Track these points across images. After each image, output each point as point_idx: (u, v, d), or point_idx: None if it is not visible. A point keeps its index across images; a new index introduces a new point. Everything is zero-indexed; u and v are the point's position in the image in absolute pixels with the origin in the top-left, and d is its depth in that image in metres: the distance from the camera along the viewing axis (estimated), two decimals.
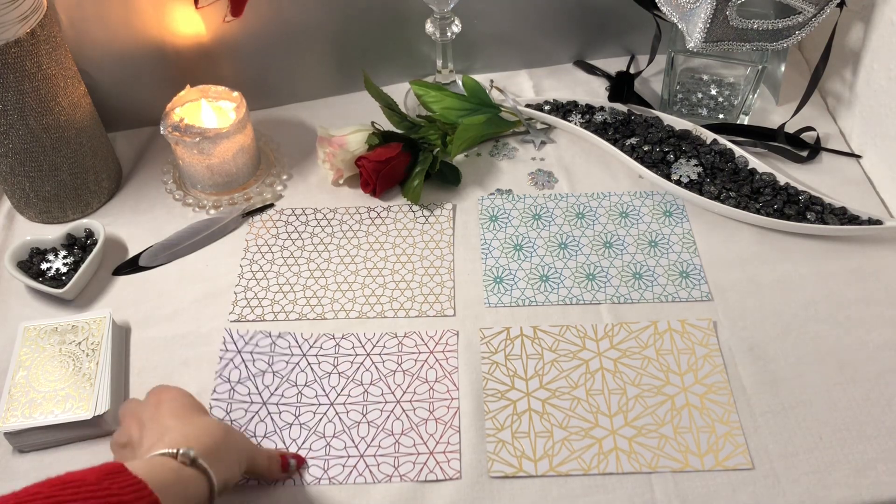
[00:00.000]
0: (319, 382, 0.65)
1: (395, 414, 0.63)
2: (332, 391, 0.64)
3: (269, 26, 0.83)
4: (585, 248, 0.74)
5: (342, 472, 0.60)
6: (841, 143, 0.83)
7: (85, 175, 0.78)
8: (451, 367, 0.65)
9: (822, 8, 0.73)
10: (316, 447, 0.61)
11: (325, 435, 0.62)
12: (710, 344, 0.66)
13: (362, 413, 0.63)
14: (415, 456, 0.60)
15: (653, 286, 0.71)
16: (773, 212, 0.74)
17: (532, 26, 0.90)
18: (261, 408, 0.63)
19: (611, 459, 0.59)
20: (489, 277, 0.72)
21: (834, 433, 0.60)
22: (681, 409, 0.62)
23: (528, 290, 0.71)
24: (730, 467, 0.59)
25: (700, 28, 0.74)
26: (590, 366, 0.65)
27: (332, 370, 0.66)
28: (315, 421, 0.63)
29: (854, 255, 0.72)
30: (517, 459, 0.60)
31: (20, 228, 0.80)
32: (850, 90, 0.82)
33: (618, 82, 0.90)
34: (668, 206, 0.78)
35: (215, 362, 0.66)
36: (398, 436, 0.61)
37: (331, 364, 0.66)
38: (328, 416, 0.63)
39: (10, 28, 0.65)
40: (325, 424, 0.62)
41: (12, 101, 0.68)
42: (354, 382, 0.65)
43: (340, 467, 0.60)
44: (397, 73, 0.91)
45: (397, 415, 0.63)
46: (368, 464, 0.60)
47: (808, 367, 0.64)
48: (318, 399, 0.64)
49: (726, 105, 0.86)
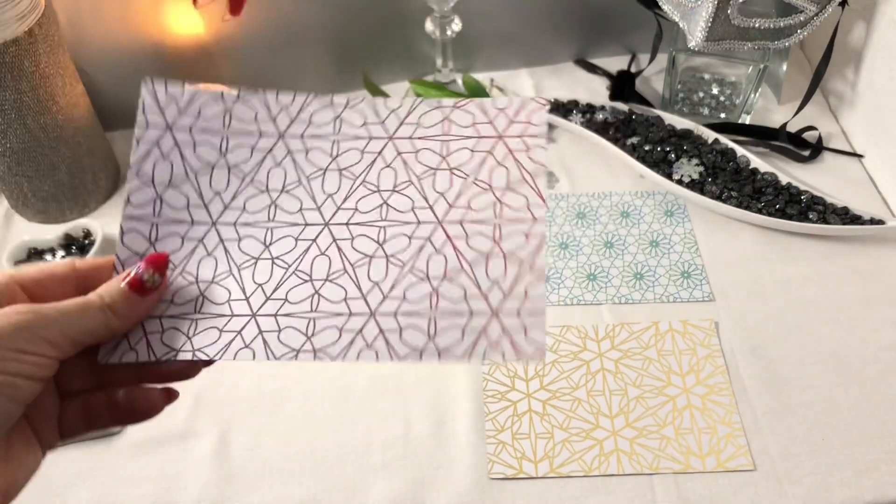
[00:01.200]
0: (307, 185, 0.39)
1: (434, 244, 0.38)
2: (329, 201, 0.39)
3: (268, 25, 0.83)
4: (586, 248, 0.74)
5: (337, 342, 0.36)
6: (843, 142, 0.83)
7: (83, 175, 0.77)
8: (536, 163, 0.39)
9: (824, 7, 0.73)
10: (296, 297, 0.38)
11: (313, 277, 0.38)
12: (712, 344, 0.66)
13: (377, 241, 0.38)
14: (465, 318, 0.37)
15: (654, 286, 0.71)
16: (774, 212, 0.74)
17: (533, 25, 0.90)
18: (208, 232, 0.39)
19: (612, 461, 0.59)
20: None
21: (836, 434, 0.60)
22: (682, 410, 0.62)
23: None
24: (731, 468, 0.58)
25: (701, 27, 0.73)
26: (591, 366, 0.65)
27: (328, 163, 0.40)
28: (298, 253, 0.38)
29: (856, 256, 0.72)
30: (517, 461, 0.59)
31: (18, 228, 0.79)
32: (852, 89, 0.82)
33: (619, 81, 0.89)
34: (669, 205, 0.77)
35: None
36: (437, 281, 0.38)
37: (326, 153, 0.40)
38: (319, 246, 0.38)
39: (8, 27, 0.64)
40: (313, 259, 0.38)
41: (10, 100, 0.68)
42: (367, 187, 0.39)
43: (335, 331, 0.37)
44: (397, 73, 0.91)
45: (437, 245, 0.38)
46: (383, 327, 0.37)
47: (810, 368, 0.64)
48: (304, 215, 0.39)
49: (728, 104, 0.86)
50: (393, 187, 0.39)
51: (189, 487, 0.59)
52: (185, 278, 0.38)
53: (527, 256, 0.37)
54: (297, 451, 0.61)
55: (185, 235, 0.38)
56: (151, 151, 0.39)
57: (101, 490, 0.60)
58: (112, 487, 0.60)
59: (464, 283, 0.37)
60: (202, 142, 0.39)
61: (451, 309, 0.37)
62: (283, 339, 0.37)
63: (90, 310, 0.34)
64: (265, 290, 0.38)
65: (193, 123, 0.39)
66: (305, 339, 0.36)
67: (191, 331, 0.37)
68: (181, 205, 0.39)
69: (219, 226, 0.39)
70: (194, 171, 0.39)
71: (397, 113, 0.40)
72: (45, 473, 0.59)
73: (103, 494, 0.59)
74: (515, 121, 0.40)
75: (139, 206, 0.38)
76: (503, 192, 0.39)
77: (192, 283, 0.38)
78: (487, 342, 0.36)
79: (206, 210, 0.39)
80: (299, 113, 0.40)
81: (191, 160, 0.39)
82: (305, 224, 0.39)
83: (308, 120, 0.40)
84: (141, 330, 0.37)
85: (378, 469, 0.60)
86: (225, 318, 0.37)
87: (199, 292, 0.38)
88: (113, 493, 0.59)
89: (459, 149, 0.39)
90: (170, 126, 0.39)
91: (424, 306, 0.37)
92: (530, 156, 0.39)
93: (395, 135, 0.40)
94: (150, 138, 0.39)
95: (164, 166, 0.39)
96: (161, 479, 0.60)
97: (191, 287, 0.38)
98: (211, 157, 0.39)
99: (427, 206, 0.39)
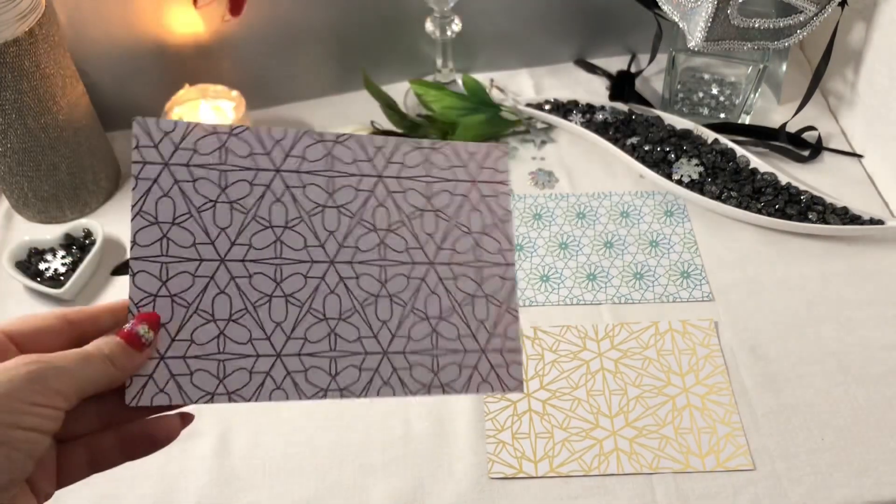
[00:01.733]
0: (308, 222, 0.40)
1: (429, 284, 0.41)
2: (331, 239, 0.41)
3: (268, 25, 0.83)
4: (586, 248, 0.74)
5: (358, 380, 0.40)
6: (843, 142, 0.83)
7: (83, 175, 0.77)
8: (503, 209, 0.43)
9: (824, 7, 0.73)
10: (314, 336, 0.40)
11: (327, 316, 0.40)
12: (712, 344, 0.66)
13: (380, 279, 0.41)
14: (461, 354, 0.41)
15: (654, 286, 0.71)
16: (774, 212, 0.74)
17: (532, 25, 0.90)
18: (218, 268, 0.39)
19: (611, 460, 0.59)
20: None
21: (836, 434, 0.60)
22: (682, 410, 0.62)
23: (528, 291, 0.71)
24: (731, 468, 0.58)
25: (701, 27, 0.73)
26: (590, 366, 0.65)
27: (326, 200, 0.41)
28: (309, 291, 0.40)
29: (856, 256, 0.72)
30: (517, 460, 0.59)
31: (18, 228, 0.79)
32: (851, 89, 0.82)
33: (619, 81, 0.89)
34: (669, 205, 0.77)
35: None
36: (435, 320, 0.41)
37: (323, 190, 0.41)
38: (328, 284, 0.40)
39: (9, 27, 0.64)
40: (324, 298, 0.40)
41: (10, 100, 0.68)
42: (364, 225, 0.41)
43: (356, 371, 0.40)
44: (397, 73, 0.91)
45: (432, 285, 0.41)
46: (395, 366, 0.40)
47: (809, 368, 0.64)
48: (310, 252, 0.40)
49: (727, 104, 0.86)
50: (388, 227, 0.41)
51: (189, 487, 0.59)
52: (201, 316, 0.38)
53: (504, 298, 0.42)
54: (297, 451, 0.61)
55: (195, 273, 0.38)
56: (151, 189, 0.38)
57: (101, 490, 0.60)
58: (112, 487, 0.60)
59: (456, 322, 0.41)
60: (201, 177, 0.39)
61: (449, 347, 0.41)
62: (310, 378, 0.39)
63: (94, 360, 0.34)
64: (284, 329, 0.39)
65: (190, 159, 0.39)
66: (330, 379, 0.39)
67: (220, 373, 0.38)
68: (188, 242, 0.39)
69: (227, 262, 0.39)
70: (197, 208, 0.39)
71: (383, 152, 0.42)
72: None
73: (103, 494, 0.59)
74: (484, 167, 0.43)
75: (146, 246, 0.38)
76: (480, 235, 0.42)
77: (209, 320, 0.38)
78: (480, 378, 0.41)
79: (213, 247, 0.39)
80: (292, 148, 0.41)
81: (192, 196, 0.39)
82: (312, 261, 0.40)
83: (302, 155, 0.41)
84: (167, 371, 0.37)
85: (378, 469, 0.60)
86: (251, 358, 0.38)
87: (218, 331, 0.38)
88: (113, 493, 0.59)
89: (441, 191, 0.42)
90: (167, 162, 0.39)
91: (427, 345, 0.40)
92: (499, 202, 0.43)
93: (384, 173, 0.42)
94: (147, 175, 0.38)
95: (165, 204, 0.38)
96: (161, 479, 0.60)
97: (209, 325, 0.38)
98: (211, 192, 0.39)
99: (419, 246, 0.41)
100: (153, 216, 0.38)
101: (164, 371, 0.37)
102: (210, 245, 0.39)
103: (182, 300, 0.38)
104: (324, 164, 0.41)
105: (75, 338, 0.36)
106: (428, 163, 0.42)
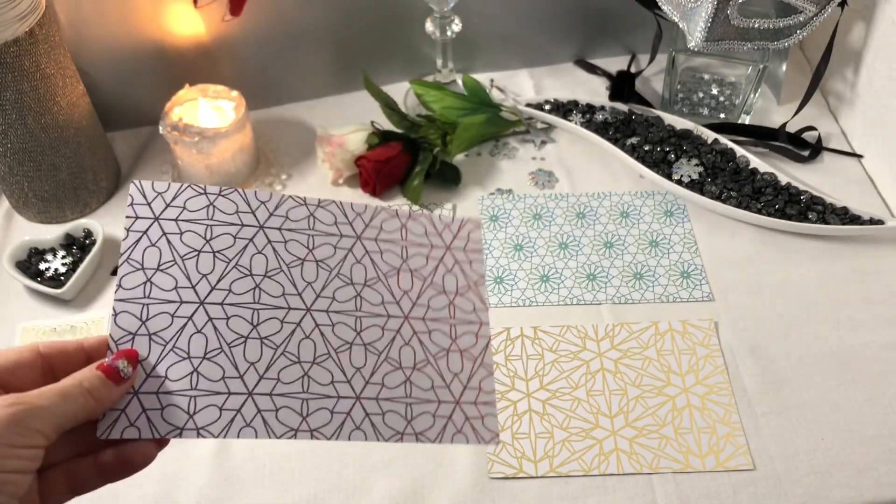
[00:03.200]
0: (287, 273, 0.42)
1: (404, 336, 0.43)
2: (309, 289, 0.43)
3: (268, 25, 0.83)
4: (586, 248, 0.74)
5: (329, 423, 0.40)
6: (842, 142, 0.83)
7: (83, 175, 0.77)
8: (477, 274, 0.46)
9: (824, 7, 0.73)
10: (287, 377, 0.41)
11: (301, 359, 0.41)
12: (711, 344, 0.66)
13: (355, 328, 0.43)
14: (435, 405, 0.42)
15: (654, 286, 0.71)
16: (774, 212, 0.74)
17: (532, 25, 0.90)
18: (196, 310, 0.41)
19: (611, 460, 0.59)
20: (489, 277, 0.72)
21: (835, 434, 0.60)
22: (682, 410, 0.62)
23: (528, 291, 0.71)
24: (731, 468, 0.58)
25: (701, 27, 0.73)
26: (590, 366, 0.65)
27: (305, 255, 0.43)
28: (285, 335, 0.41)
29: (856, 256, 0.72)
30: (517, 461, 0.59)
31: (18, 228, 0.79)
32: (851, 89, 0.82)
33: (618, 82, 0.89)
34: (669, 205, 0.77)
35: None
36: (409, 370, 0.43)
37: (303, 245, 0.43)
38: (304, 329, 0.42)
39: (9, 27, 0.64)
40: (299, 342, 0.41)
41: (10, 100, 0.68)
42: (341, 278, 0.43)
43: (328, 413, 0.41)
44: (397, 73, 0.91)
45: (406, 338, 0.43)
46: (368, 411, 0.41)
47: (809, 368, 0.64)
48: (287, 299, 0.42)
49: (727, 104, 0.86)
50: (364, 281, 0.44)
51: (189, 487, 0.59)
52: (177, 354, 0.40)
53: (478, 353, 0.44)
54: (297, 450, 0.61)
55: (174, 314, 0.41)
56: (140, 240, 0.41)
57: (101, 490, 0.60)
58: (112, 487, 0.59)
59: (430, 373, 0.43)
60: (188, 230, 0.42)
61: (423, 396, 0.42)
62: (280, 418, 0.40)
63: (73, 396, 0.35)
64: (258, 370, 0.41)
65: (179, 215, 0.42)
66: (301, 420, 0.40)
67: (191, 408, 0.39)
68: (170, 286, 0.41)
69: (206, 305, 0.41)
70: (181, 256, 0.42)
71: (363, 217, 0.45)
72: None
73: (103, 494, 0.59)
74: (458, 236, 0.47)
75: (130, 289, 0.41)
76: (454, 295, 0.45)
77: (183, 358, 0.40)
78: (455, 428, 0.42)
79: (193, 290, 0.41)
80: (276, 209, 0.43)
81: (177, 246, 0.42)
82: (289, 308, 0.42)
83: (285, 215, 0.43)
84: (139, 405, 0.39)
85: (378, 469, 0.60)
86: (222, 395, 0.40)
87: (192, 368, 0.40)
88: (113, 493, 0.59)
89: (416, 254, 0.45)
90: (157, 218, 0.42)
91: (401, 393, 0.42)
92: (473, 268, 0.46)
93: (362, 235, 0.45)
94: (138, 228, 0.42)
95: (152, 252, 0.41)
96: (161, 479, 0.60)
97: (183, 363, 0.40)
98: (196, 243, 0.42)
99: (394, 301, 0.44)
100: (139, 263, 0.41)
101: (136, 405, 0.39)
102: (191, 289, 0.41)
103: (160, 338, 0.40)
104: (306, 224, 0.44)
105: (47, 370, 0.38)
106: (405, 228, 0.46)
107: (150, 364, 0.40)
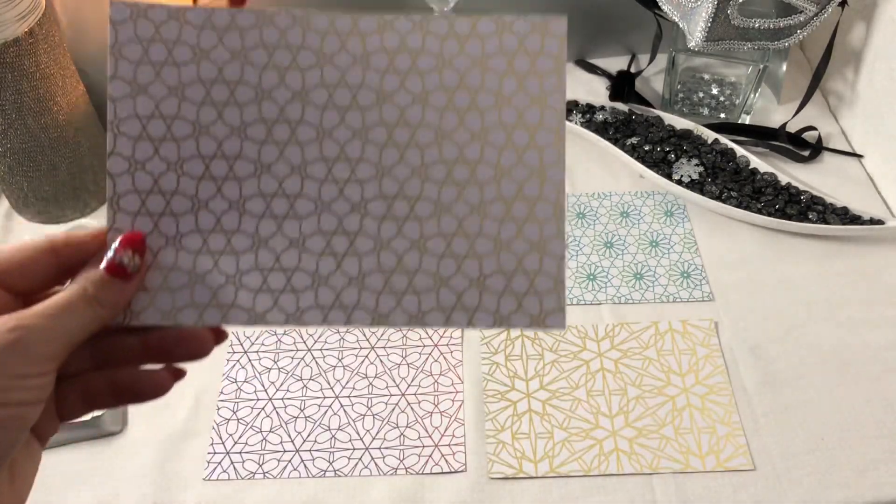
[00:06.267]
0: (324, 376, 0.65)
1: (400, 407, 0.63)
2: (337, 384, 0.64)
3: None
4: (586, 248, 0.74)
5: (347, 465, 0.60)
6: (843, 142, 0.83)
7: (84, 175, 0.77)
8: (456, 360, 0.66)
9: (824, 7, 0.73)
10: (321, 440, 0.61)
11: (331, 427, 0.62)
12: (712, 344, 0.66)
13: (367, 406, 0.63)
14: (420, 449, 0.60)
15: (654, 286, 0.71)
16: (774, 212, 0.74)
17: None
18: (266, 404, 0.64)
19: (611, 460, 0.59)
20: None
21: (835, 434, 0.60)
22: (682, 410, 0.62)
23: None
24: (731, 468, 0.58)
25: (701, 27, 0.73)
26: (590, 366, 0.65)
27: (336, 364, 0.66)
28: (320, 414, 0.63)
29: (856, 256, 0.72)
30: (517, 460, 0.59)
31: (18, 228, 0.79)
32: (851, 89, 0.82)
33: (618, 81, 0.89)
34: (669, 205, 0.77)
35: (215, 361, 0.66)
36: (403, 429, 0.62)
37: (336, 358, 0.66)
38: (333, 409, 0.63)
39: (9, 27, 0.64)
40: (330, 417, 0.62)
41: (10, 100, 0.68)
42: (359, 375, 0.65)
43: (346, 460, 0.60)
44: None
45: (402, 408, 0.63)
46: (374, 456, 0.60)
47: (809, 368, 0.64)
48: (323, 392, 0.64)
49: (727, 104, 0.86)
50: (375, 375, 0.65)
51: (189, 487, 0.59)
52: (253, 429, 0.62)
53: (454, 413, 0.62)
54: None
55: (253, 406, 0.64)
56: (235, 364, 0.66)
57: (101, 490, 0.60)
58: (112, 487, 0.60)
59: (418, 430, 0.62)
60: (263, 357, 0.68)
61: (412, 444, 0.61)
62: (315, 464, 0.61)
63: (78, 308, 0.31)
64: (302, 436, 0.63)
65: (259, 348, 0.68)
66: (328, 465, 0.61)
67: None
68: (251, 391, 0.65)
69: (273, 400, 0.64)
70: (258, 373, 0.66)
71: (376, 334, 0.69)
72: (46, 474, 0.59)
73: (103, 494, 0.60)
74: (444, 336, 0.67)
75: (227, 394, 0.64)
76: (438, 376, 0.65)
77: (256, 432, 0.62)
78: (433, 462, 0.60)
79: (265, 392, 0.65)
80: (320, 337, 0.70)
81: (256, 366, 0.67)
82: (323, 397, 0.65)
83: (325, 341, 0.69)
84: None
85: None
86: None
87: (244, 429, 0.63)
88: (113, 493, 0.59)
89: (412, 352, 0.66)
90: (245, 351, 0.65)
91: (397, 443, 0.61)
92: (453, 355, 0.66)
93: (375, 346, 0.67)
94: (234, 359, 0.64)
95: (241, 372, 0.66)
96: (161, 479, 0.60)
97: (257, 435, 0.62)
98: (268, 364, 0.67)
99: (395, 384, 0.64)
100: (234, 379, 0.65)
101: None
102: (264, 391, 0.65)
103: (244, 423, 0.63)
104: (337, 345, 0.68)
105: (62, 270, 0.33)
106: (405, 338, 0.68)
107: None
